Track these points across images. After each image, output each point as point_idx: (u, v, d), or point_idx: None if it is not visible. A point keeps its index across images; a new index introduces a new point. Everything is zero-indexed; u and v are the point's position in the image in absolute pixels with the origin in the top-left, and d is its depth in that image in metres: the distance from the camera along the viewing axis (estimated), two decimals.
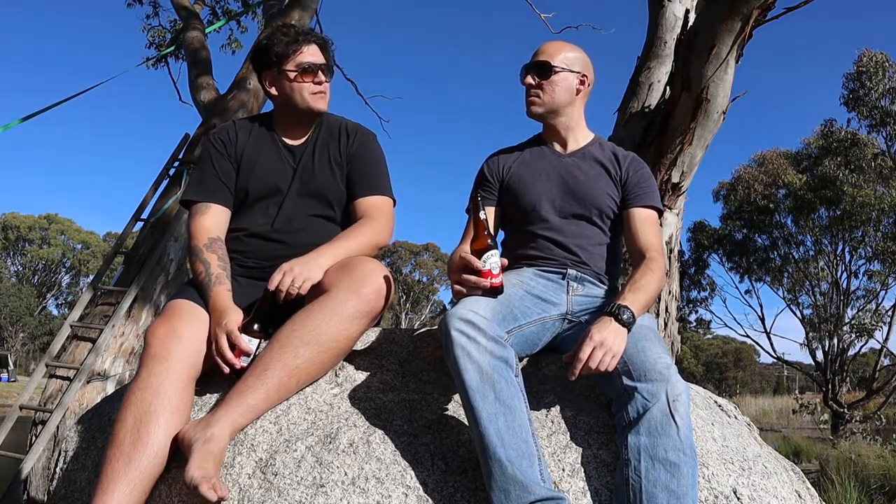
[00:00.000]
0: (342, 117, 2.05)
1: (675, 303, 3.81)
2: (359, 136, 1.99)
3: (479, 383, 1.40)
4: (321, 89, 1.92)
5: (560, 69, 1.89)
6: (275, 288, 1.62)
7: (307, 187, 1.92)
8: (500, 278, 1.57)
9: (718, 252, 18.00)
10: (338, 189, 1.95)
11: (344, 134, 1.99)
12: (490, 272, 1.55)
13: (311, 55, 1.92)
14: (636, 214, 1.87)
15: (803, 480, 1.71)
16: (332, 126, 2.00)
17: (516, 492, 1.31)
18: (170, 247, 5.05)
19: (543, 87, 1.90)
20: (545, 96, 1.90)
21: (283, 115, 1.98)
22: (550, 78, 1.89)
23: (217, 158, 1.93)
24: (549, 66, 1.88)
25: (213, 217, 1.87)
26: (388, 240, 1.91)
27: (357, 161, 1.96)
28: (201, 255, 1.78)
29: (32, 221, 41.00)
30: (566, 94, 1.91)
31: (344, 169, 1.96)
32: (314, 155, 1.95)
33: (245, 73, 5.90)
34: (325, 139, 1.98)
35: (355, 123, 2.04)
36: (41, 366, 4.56)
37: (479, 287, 1.55)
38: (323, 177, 1.93)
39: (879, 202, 14.44)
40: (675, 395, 1.40)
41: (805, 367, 20.52)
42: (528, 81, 1.90)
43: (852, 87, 13.84)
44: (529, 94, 1.91)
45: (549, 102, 1.91)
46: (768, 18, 3.24)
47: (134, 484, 1.40)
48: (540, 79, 1.89)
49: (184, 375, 1.55)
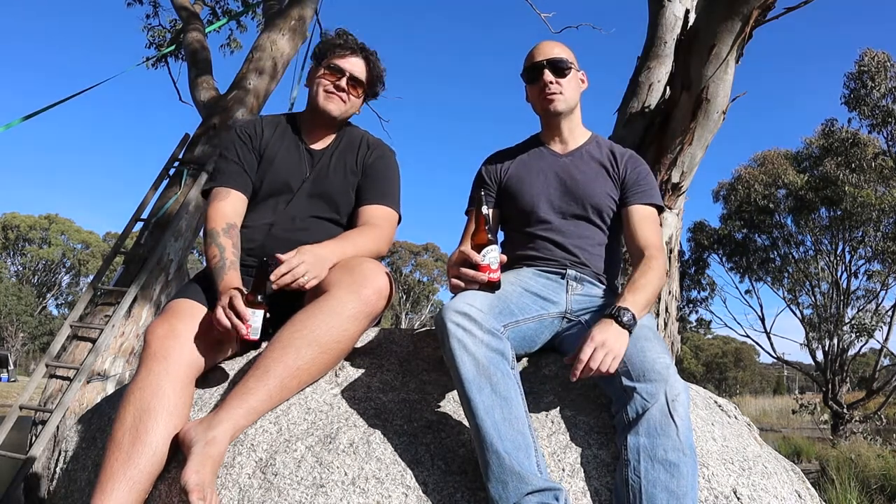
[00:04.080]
0: (366, 131, 2.10)
1: (675, 303, 3.81)
2: (378, 149, 2.04)
3: (475, 375, 1.40)
4: (336, 92, 1.96)
5: (573, 66, 1.93)
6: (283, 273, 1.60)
7: (318, 189, 1.95)
8: (499, 274, 1.57)
9: (718, 252, 17.98)
10: (347, 195, 1.98)
11: (364, 146, 2.04)
12: (489, 267, 1.55)
13: (348, 63, 1.97)
14: (635, 212, 1.87)
15: (803, 480, 1.71)
16: (355, 137, 2.06)
17: (514, 483, 1.31)
18: (170, 247, 5.05)
19: (563, 85, 1.92)
20: (567, 93, 1.92)
21: (305, 116, 2.05)
22: (568, 76, 1.92)
23: (241, 149, 1.97)
24: (565, 62, 1.91)
25: (231, 203, 1.90)
26: (387, 250, 1.95)
27: (371, 171, 2.00)
28: (217, 239, 1.79)
29: (32, 221, 41.02)
30: (577, 92, 1.97)
31: (358, 177, 1.99)
32: (331, 160, 1.99)
33: (245, 72, 5.89)
34: (346, 148, 2.02)
35: (378, 139, 2.09)
36: (41, 366, 4.56)
37: (477, 281, 1.55)
38: (336, 181, 1.97)
39: (880, 202, 14.43)
40: (674, 396, 1.40)
41: (805, 367, 20.53)
42: (548, 79, 1.91)
43: (853, 86, 13.81)
44: (550, 90, 1.91)
45: (569, 99, 1.94)
46: (768, 18, 3.25)
47: (133, 482, 1.40)
48: (558, 76, 1.91)
49: (183, 375, 1.56)
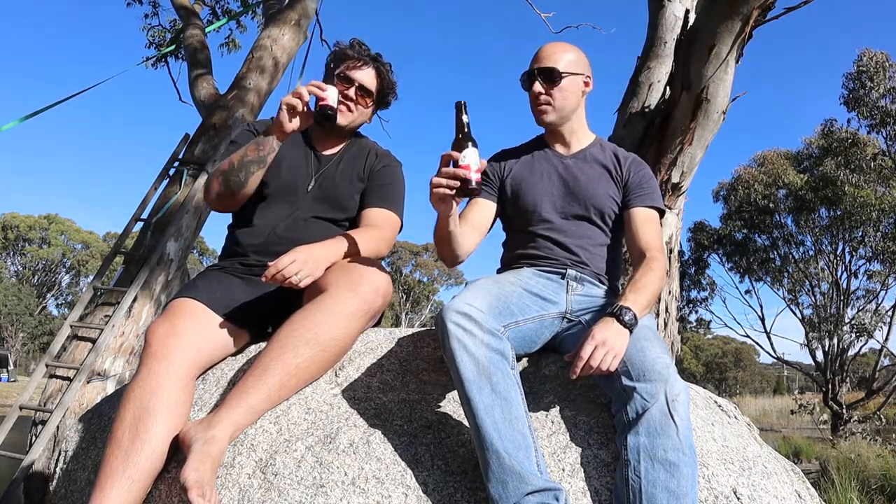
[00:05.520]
0: (375, 142, 2.13)
1: (675, 303, 3.81)
2: (386, 159, 2.07)
3: (475, 375, 1.40)
4: (344, 101, 1.97)
5: (567, 74, 1.86)
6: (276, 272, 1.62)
7: (324, 193, 1.97)
8: (478, 176, 1.54)
9: (718, 252, 17.99)
10: (353, 199, 1.99)
11: (372, 155, 2.06)
12: (468, 167, 1.52)
13: (359, 73, 1.99)
14: (637, 215, 1.87)
15: (803, 480, 1.71)
16: (364, 147, 2.09)
17: (514, 483, 1.31)
18: (170, 247, 5.05)
19: (553, 95, 1.87)
20: (556, 103, 1.87)
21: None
22: (560, 84, 1.86)
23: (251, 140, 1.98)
24: (556, 72, 1.85)
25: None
26: (387, 252, 1.95)
27: (377, 177, 2.02)
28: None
29: (32, 221, 41.01)
30: (574, 98, 1.90)
31: (364, 183, 2.01)
32: (339, 166, 2.01)
33: (245, 72, 5.89)
34: (354, 155, 2.05)
35: (386, 150, 2.12)
36: (41, 366, 4.55)
37: (457, 178, 1.52)
38: (342, 185, 1.98)
39: (879, 202, 14.44)
40: (674, 395, 1.40)
41: (805, 367, 20.54)
42: (538, 90, 1.86)
43: (852, 86, 13.82)
44: (539, 102, 1.88)
45: (560, 109, 1.89)
46: (768, 18, 3.25)
47: (132, 480, 1.40)
48: (548, 86, 1.86)
49: (183, 374, 1.56)
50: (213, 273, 1.88)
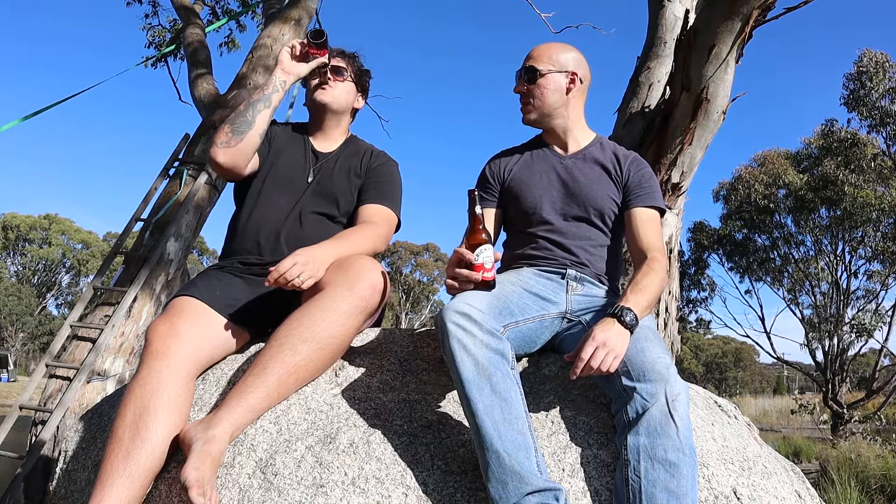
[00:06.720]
0: (372, 145, 2.17)
1: (675, 303, 3.81)
2: (381, 158, 2.11)
3: (475, 376, 1.40)
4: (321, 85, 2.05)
5: (546, 71, 1.89)
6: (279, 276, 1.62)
7: (321, 188, 2.00)
8: (493, 273, 1.57)
9: (718, 252, 17.98)
10: (350, 195, 2.02)
11: (368, 154, 2.11)
12: (482, 266, 1.54)
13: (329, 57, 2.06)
14: (637, 215, 1.87)
15: (803, 480, 1.71)
16: (360, 147, 2.13)
17: (514, 483, 1.31)
18: (170, 247, 5.05)
19: (533, 93, 1.90)
20: (535, 101, 1.91)
21: (310, 122, 2.15)
22: (537, 82, 1.89)
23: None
24: (535, 70, 1.89)
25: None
26: (384, 248, 1.98)
27: (373, 174, 2.05)
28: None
29: (32, 221, 41.01)
30: (556, 95, 1.91)
31: (361, 180, 2.05)
32: (336, 163, 2.05)
33: (245, 71, 5.89)
34: (351, 153, 2.09)
35: (382, 151, 2.16)
36: (41, 366, 4.55)
37: (471, 280, 1.54)
38: (339, 181, 2.01)
39: (879, 202, 14.44)
40: (674, 395, 1.40)
41: (805, 367, 20.51)
42: (519, 89, 1.93)
43: (852, 87, 13.81)
44: (521, 101, 1.94)
45: (539, 107, 1.92)
46: (768, 18, 3.24)
47: (132, 478, 1.40)
48: (529, 84, 1.90)
49: (184, 373, 1.56)
50: (213, 272, 1.88)
